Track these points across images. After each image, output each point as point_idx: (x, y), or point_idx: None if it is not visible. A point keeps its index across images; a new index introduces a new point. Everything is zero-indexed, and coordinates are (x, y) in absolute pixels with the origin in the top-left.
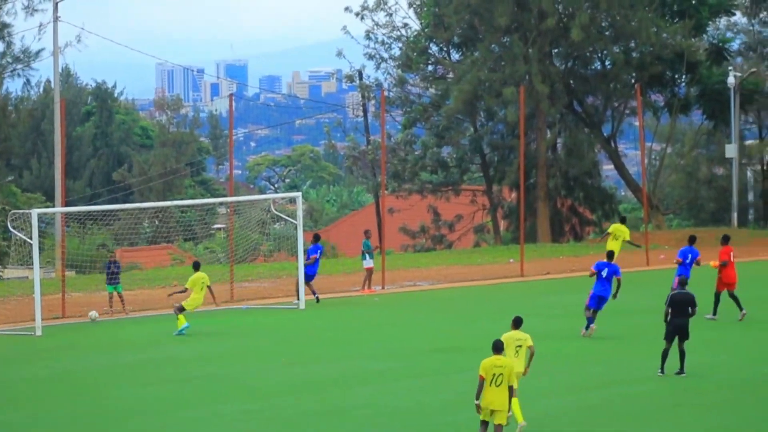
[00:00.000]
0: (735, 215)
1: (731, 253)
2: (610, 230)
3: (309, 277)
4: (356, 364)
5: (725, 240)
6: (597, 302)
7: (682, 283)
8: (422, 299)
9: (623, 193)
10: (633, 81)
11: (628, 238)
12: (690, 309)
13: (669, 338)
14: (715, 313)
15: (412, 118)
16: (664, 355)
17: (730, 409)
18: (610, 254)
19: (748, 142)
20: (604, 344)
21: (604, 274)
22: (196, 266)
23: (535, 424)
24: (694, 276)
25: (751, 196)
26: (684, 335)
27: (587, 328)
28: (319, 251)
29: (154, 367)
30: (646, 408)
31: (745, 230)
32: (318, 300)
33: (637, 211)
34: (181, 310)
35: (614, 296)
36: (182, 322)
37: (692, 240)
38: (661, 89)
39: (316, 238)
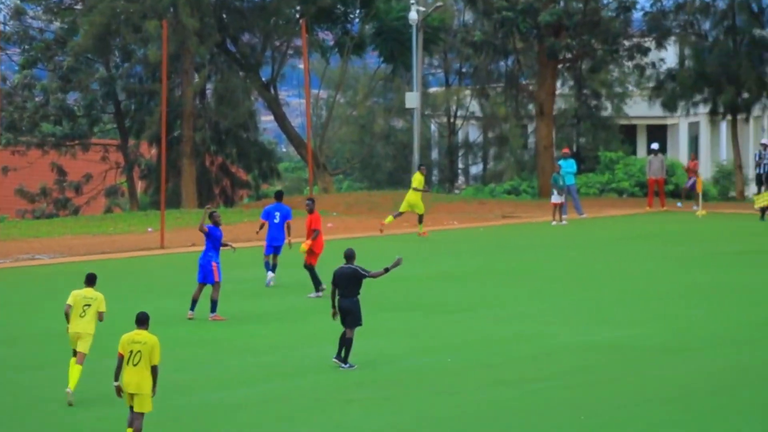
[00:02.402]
0: None
1: (321, 222)
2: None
3: None
4: None
5: (312, 205)
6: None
7: (347, 257)
8: (41, 276)
9: (284, 149)
10: (297, 16)
11: (414, 184)
12: (356, 286)
13: (350, 325)
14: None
15: (31, 58)
16: (347, 344)
17: (406, 402)
18: (279, 194)
19: (433, 90)
20: (269, 328)
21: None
22: None
23: (167, 420)
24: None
25: (435, 154)
26: (352, 320)
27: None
28: None
29: None
30: (307, 404)
31: (428, 194)
32: None
33: (301, 170)
34: None
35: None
36: None
37: (279, 196)
38: (331, 26)
39: None
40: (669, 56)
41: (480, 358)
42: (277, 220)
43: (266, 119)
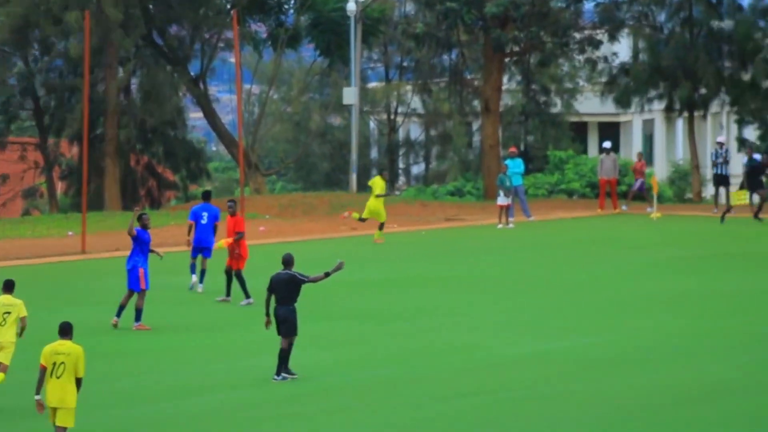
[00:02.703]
0: (354, 177)
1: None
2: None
3: None
4: None
5: (234, 207)
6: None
7: (285, 262)
8: None
9: (214, 148)
10: (228, 6)
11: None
12: (293, 293)
13: (285, 334)
14: (228, 294)
15: None
16: (282, 356)
17: (343, 417)
18: (206, 194)
19: (372, 85)
20: (197, 338)
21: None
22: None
23: None
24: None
25: (374, 153)
26: (288, 329)
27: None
28: None
29: None
30: (241, 419)
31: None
32: None
33: (232, 170)
34: None
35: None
36: None
37: (207, 196)
38: (264, 17)
39: None
40: (622, 49)
41: (419, 370)
42: (204, 221)
43: (195, 116)
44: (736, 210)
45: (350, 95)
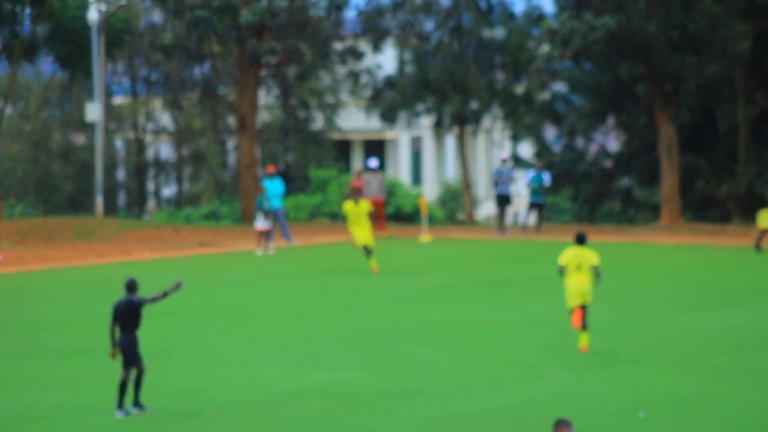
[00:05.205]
0: (100, 200)
1: None
2: None
3: None
4: None
5: None
6: None
7: (129, 287)
8: None
9: None
10: None
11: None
12: (134, 320)
13: (126, 365)
14: None
15: None
16: (122, 388)
17: None
18: None
19: (118, 101)
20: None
21: None
22: None
23: None
24: None
25: (122, 174)
26: (129, 359)
27: None
28: None
29: None
30: None
31: (113, 220)
32: None
33: None
34: None
35: None
36: None
37: None
38: None
39: None
40: (387, 61)
41: (182, 407)
42: None
43: None
44: (511, 232)
45: (94, 111)
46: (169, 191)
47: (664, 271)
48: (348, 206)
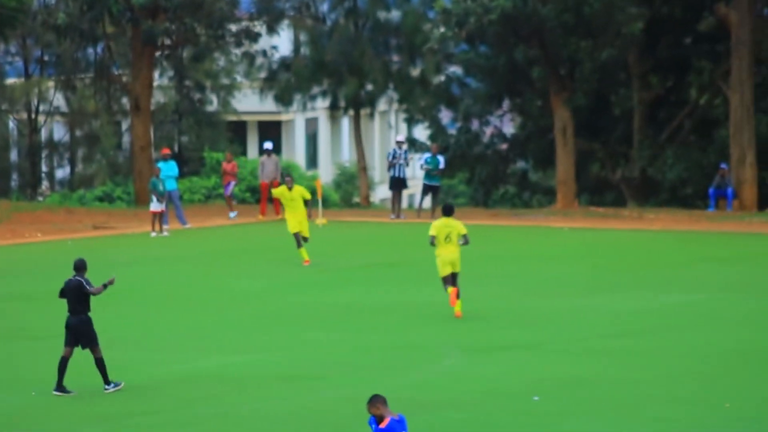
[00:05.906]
0: None
1: None
2: None
3: None
4: None
5: None
6: None
7: (77, 267)
8: None
9: None
10: None
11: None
12: (84, 301)
13: (68, 342)
14: None
15: None
16: (62, 366)
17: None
18: None
19: (10, 81)
20: None
21: None
22: None
23: None
24: None
25: (14, 155)
26: (85, 340)
27: None
28: None
29: None
30: None
31: (5, 202)
32: None
33: None
34: None
35: None
36: None
37: None
38: None
39: None
40: (283, 43)
41: (76, 389)
42: None
43: None
44: (407, 215)
45: None
46: (62, 173)
47: (559, 255)
48: (280, 191)
